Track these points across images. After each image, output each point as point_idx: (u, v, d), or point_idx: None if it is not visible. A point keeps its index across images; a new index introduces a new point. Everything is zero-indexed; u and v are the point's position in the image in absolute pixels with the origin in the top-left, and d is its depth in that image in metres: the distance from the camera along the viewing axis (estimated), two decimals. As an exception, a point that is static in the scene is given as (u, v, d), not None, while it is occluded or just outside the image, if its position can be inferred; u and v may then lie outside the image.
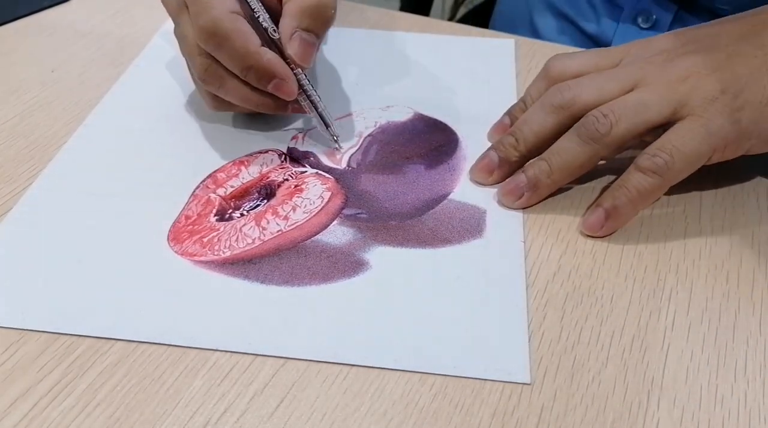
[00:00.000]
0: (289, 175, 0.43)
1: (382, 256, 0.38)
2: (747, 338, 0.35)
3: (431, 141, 0.46)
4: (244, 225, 0.40)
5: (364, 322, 0.35)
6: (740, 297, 0.37)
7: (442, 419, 0.31)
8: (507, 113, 0.46)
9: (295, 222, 0.40)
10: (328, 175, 0.43)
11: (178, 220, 0.40)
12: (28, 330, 0.34)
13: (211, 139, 0.46)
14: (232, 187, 0.43)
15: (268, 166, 0.44)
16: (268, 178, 0.43)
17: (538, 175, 0.41)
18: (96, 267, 0.37)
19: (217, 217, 0.41)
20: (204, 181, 0.43)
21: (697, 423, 0.32)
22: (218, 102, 0.45)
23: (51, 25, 0.58)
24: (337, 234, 0.40)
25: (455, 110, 0.49)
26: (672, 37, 0.43)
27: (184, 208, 0.41)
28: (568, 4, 0.66)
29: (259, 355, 0.34)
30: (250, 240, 0.39)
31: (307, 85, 0.44)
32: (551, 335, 0.35)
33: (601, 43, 0.63)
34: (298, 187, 0.42)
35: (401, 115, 0.49)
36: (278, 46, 0.42)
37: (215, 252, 0.38)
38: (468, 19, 0.90)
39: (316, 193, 0.42)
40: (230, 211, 0.41)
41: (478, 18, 0.85)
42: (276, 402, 0.32)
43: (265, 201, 0.42)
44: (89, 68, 0.53)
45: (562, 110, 0.41)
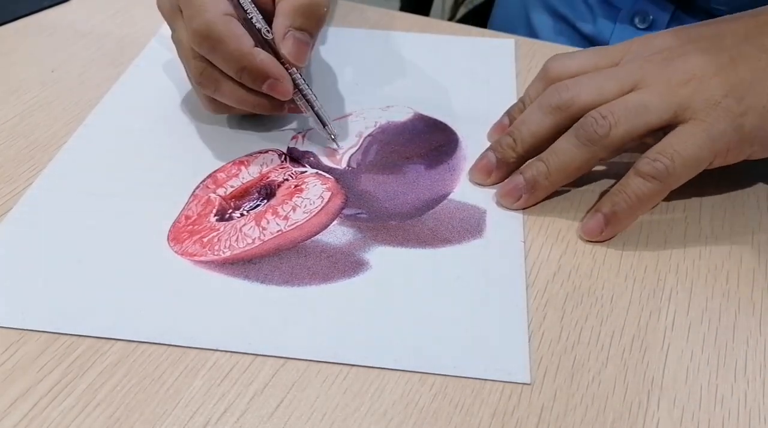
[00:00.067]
0: (289, 174, 0.43)
1: (382, 256, 0.38)
2: (747, 338, 0.35)
3: (431, 141, 0.46)
4: (244, 225, 0.40)
5: (364, 322, 0.35)
6: (740, 297, 0.37)
7: (442, 419, 0.31)
8: (506, 113, 0.46)
9: (295, 222, 0.40)
10: (328, 175, 0.43)
11: (178, 220, 0.40)
12: (28, 330, 0.34)
13: (211, 139, 0.46)
14: (232, 187, 0.43)
15: (268, 166, 0.44)
16: (268, 178, 0.43)
17: (536, 176, 0.40)
18: (96, 267, 0.37)
19: (217, 217, 0.41)
20: (204, 181, 0.43)
21: (697, 423, 0.32)
22: (216, 104, 0.45)
23: (51, 25, 0.58)
24: (337, 234, 0.40)
25: (455, 110, 0.49)
26: (673, 34, 0.43)
27: (184, 208, 0.41)
28: (565, 4, 0.66)
29: (259, 355, 0.34)
30: (250, 240, 0.39)
31: (303, 84, 0.44)
32: (551, 335, 0.35)
33: (598, 44, 0.63)
34: (298, 187, 0.42)
35: (401, 115, 0.49)
36: (272, 47, 0.42)
37: (215, 253, 0.38)
38: (468, 19, 0.90)
39: (316, 193, 0.42)
40: (230, 211, 0.41)
41: (478, 18, 0.85)
42: (276, 402, 0.32)
43: (265, 201, 0.42)
44: (89, 68, 0.53)
45: (560, 111, 0.40)
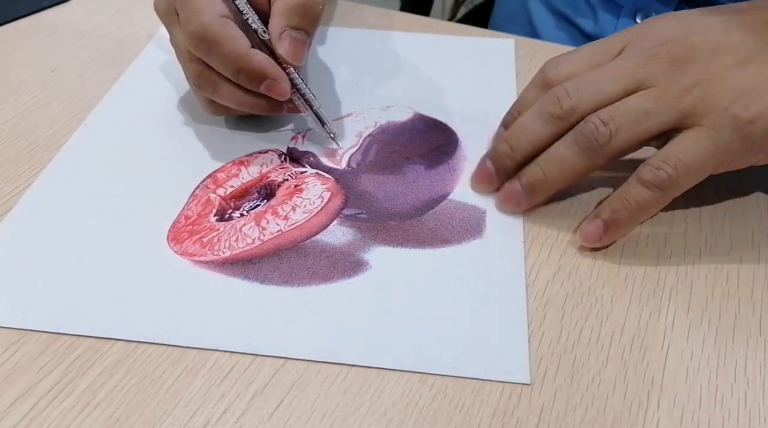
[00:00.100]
0: (289, 175, 0.43)
1: (381, 256, 0.38)
2: (747, 338, 0.35)
3: (431, 141, 0.46)
4: (244, 225, 0.40)
5: (364, 322, 0.35)
6: (740, 297, 0.37)
7: (442, 419, 0.31)
8: (502, 124, 0.44)
9: (295, 223, 0.40)
10: (327, 175, 0.43)
11: (177, 220, 0.40)
12: (28, 330, 0.34)
13: (210, 140, 0.46)
14: (232, 187, 0.43)
15: (268, 166, 0.44)
16: (268, 178, 0.43)
17: (533, 182, 0.40)
18: (96, 267, 0.37)
19: (216, 217, 0.41)
20: (204, 181, 0.43)
21: (697, 423, 0.32)
22: (215, 106, 0.45)
23: (51, 25, 0.58)
24: (337, 235, 0.40)
25: (455, 110, 0.49)
26: (675, 21, 0.41)
27: (183, 208, 0.41)
28: (566, 2, 0.66)
29: (259, 355, 0.34)
30: (249, 241, 0.39)
31: (301, 83, 0.44)
32: (551, 335, 0.35)
33: None
34: (298, 187, 0.42)
35: (401, 115, 0.49)
36: (269, 47, 0.42)
37: (215, 253, 0.38)
38: (468, 19, 0.90)
39: (315, 193, 0.42)
40: (230, 211, 0.41)
41: (478, 18, 0.85)
42: (276, 402, 0.32)
43: (265, 201, 0.42)
44: (89, 68, 0.53)
45: (561, 121, 0.39)
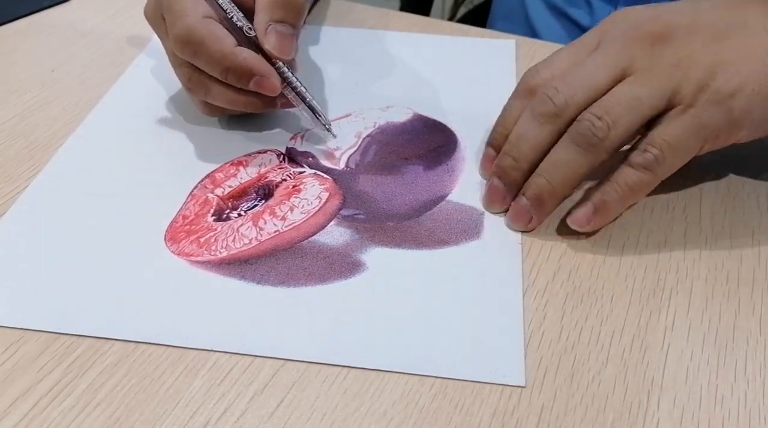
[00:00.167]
0: (288, 175, 0.43)
1: (379, 257, 0.38)
2: (747, 338, 0.35)
3: (430, 142, 0.46)
4: (242, 225, 0.40)
5: (360, 324, 0.35)
6: (740, 297, 0.37)
7: (442, 419, 0.31)
8: (488, 144, 0.43)
9: (293, 223, 0.40)
10: (326, 175, 0.43)
11: (175, 220, 0.40)
12: (28, 330, 0.34)
13: (209, 140, 0.46)
14: (230, 187, 0.43)
15: (267, 166, 0.44)
16: (266, 178, 0.43)
17: (540, 193, 0.39)
18: (95, 267, 0.37)
19: (214, 217, 0.41)
20: (202, 180, 0.43)
21: (697, 423, 0.32)
22: (210, 108, 0.45)
23: (51, 25, 0.58)
24: (335, 235, 0.39)
25: (455, 111, 0.49)
26: (645, 9, 0.41)
27: (181, 208, 0.41)
28: None
29: (258, 356, 0.33)
30: (247, 241, 0.39)
31: (291, 77, 0.43)
32: (551, 335, 0.35)
33: None
34: (296, 188, 0.42)
35: (400, 115, 0.49)
36: (256, 44, 0.42)
37: (212, 253, 0.38)
38: (468, 18, 0.90)
39: (314, 193, 0.42)
40: (228, 211, 0.41)
41: (478, 17, 0.85)
42: (276, 402, 0.32)
43: (263, 201, 0.42)
44: (89, 68, 0.53)
45: (557, 118, 0.38)
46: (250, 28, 0.42)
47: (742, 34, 0.38)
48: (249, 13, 0.43)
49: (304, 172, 0.44)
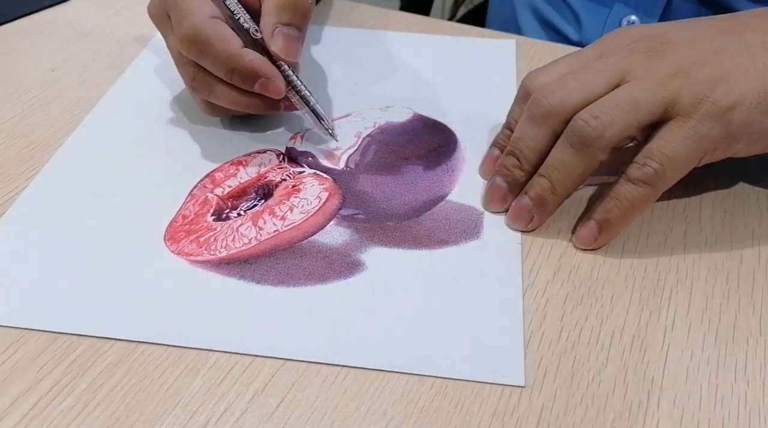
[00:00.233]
0: (287, 175, 0.43)
1: (378, 257, 0.38)
2: (747, 338, 0.35)
3: (430, 142, 0.46)
4: (241, 225, 0.40)
5: (360, 324, 0.35)
6: (740, 297, 0.37)
7: (442, 419, 0.31)
8: (494, 145, 0.44)
9: (292, 223, 0.40)
10: (326, 175, 0.43)
11: (175, 220, 0.40)
12: (28, 329, 0.34)
13: (209, 139, 0.46)
14: (230, 186, 0.43)
15: (266, 166, 0.44)
16: (266, 177, 0.43)
17: (542, 193, 0.39)
18: (95, 267, 0.37)
19: (214, 217, 0.41)
20: (202, 180, 0.43)
21: (697, 423, 0.32)
22: (212, 107, 0.45)
23: (51, 25, 0.58)
24: (334, 235, 0.39)
25: (455, 111, 0.49)
26: (647, 27, 0.42)
27: (181, 208, 0.41)
28: (553, 11, 0.66)
29: (258, 356, 0.33)
30: (246, 240, 0.39)
31: (296, 80, 0.44)
32: (551, 335, 0.35)
33: None
34: (296, 187, 0.42)
35: (400, 115, 0.49)
36: (262, 46, 0.42)
37: (211, 252, 0.38)
38: (468, 18, 0.90)
39: (313, 193, 0.42)
40: (227, 210, 0.41)
41: (478, 17, 0.85)
42: (276, 402, 0.32)
43: (263, 201, 0.42)
44: (89, 68, 0.53)
45: (551, 117, 0.38)
46: (256, 29, 0.42)
47: (742, 51, 0.38)
48: (255, 15, 0.43)
49: (304, 171, 0.44)
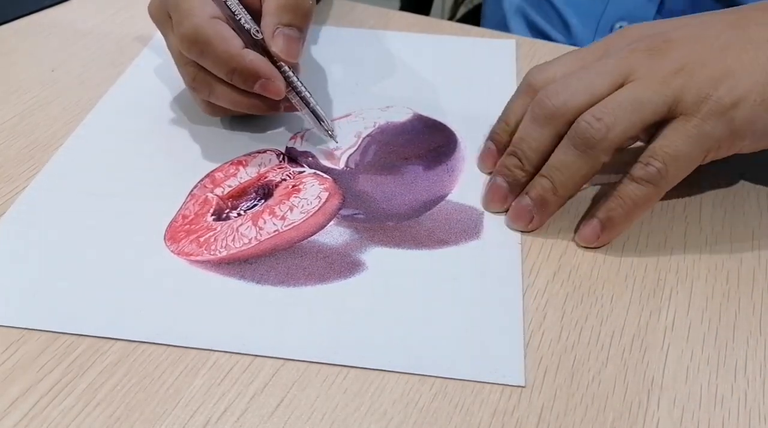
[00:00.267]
0: (287, 174, 0.43)
1: (378, 257, 0.38)
2: (747, 338, 0.35)
3: (430, 142, 0.46)
4: (241, 225, 0.40)
5: (360, 323, 0.35)
6: (740, 297, 0.37)
7: (442, 419, 0.31)
8: (490, 138, 0.44)
9: (292, 223, 0.40)
10: (326, 175, 0.43)
11: (175, 220, 0.40)
12: (28, 329, 0.34)
13: (209, 139, 0.46)
14: (230, 186, 0.43)
15: (266, 165, 0.44)
16: (266, 177, 0.43)
17: (543, 194, 0.39)
18: (95, 267, 0.37)
19: (214, 217, 0.41)
20: (202, 180, 0.43)
21: (697, 423, 0.32)
22: (212, 107, 0.45)
23: (51, 25, 0.58)
24: (334, 235, 0.39)
25: (455, 111, 0.49)
26: (651, 25, 0.42)
27: (181, 208, 0.41)
28: (544, 19, 0.66)
29: (258, 355, 0.33)
30: (246, 240, 0.39)
31: (296, 81, 0.43)
32: (551, 335, 0.35)
33: None
34: (296, 187, 0.42)
35: (400, 115, 0.49)
36: (263, 46, 0.42)
37: (211, 252, 0.38)
38: (468, 18, 0.90)
39: (313, 193, 0.42)
40: (227, 210, 0.41)
41: (478, 17, 0.85)
42: (276, 402, 0.32)
43: (263, 201, 0.42)
44: (89, 68, 0.53)
45: (555, 118, 0.38)
46: (257, 30, 0.42)
47: (745, 45, 0.38)
48: (256, 16, 0.43)
49: (304, 171, 0.44)
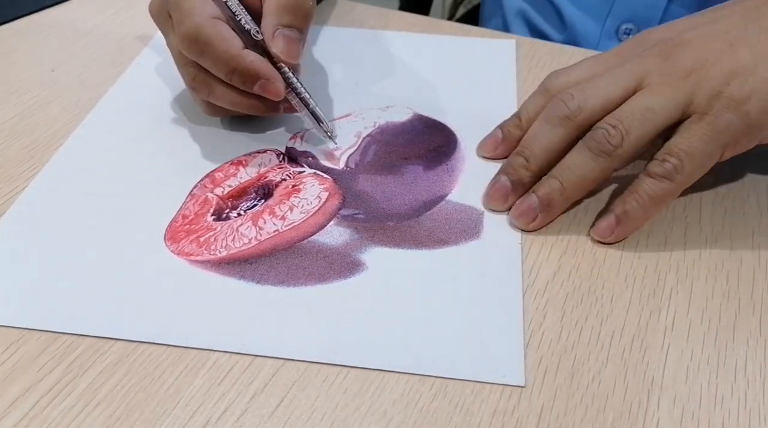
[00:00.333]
0: (287, 174, 0.43)
1: (378, 257, 0.38)
2: (747, 338, 0.35)
3: (430, 141, 0.46)
4: (241, 225, 0.40)
5: (360, 323, 0.35)
6: (740, 297, 0.37)
7: (442, 419, 0.31)
8: (499, 127, 0.45)
9: (292, 223, 0.40)
10: (326, 175, 0.43)
11: (175, 220, 0.40)
12: (28, 329, 0.34)
13: (209, 139, 0.46)
14: (230, 186, 0.43)
15: (266, 165, 0.44)
16: (266, 177, 0.43)
17: (550, 193, 0.39)
18: (95, 267, 0.37)
19: (214, 217, 0.41)
20: (202, 180, 0.43)
21: (697, 423, 0.32)
22: (212, 108, 0.45)
23: (51, 25, 0.58)
24: (334, 235, 0.39)
25: (455, 111, 0.49)
26: (667, 27, 0.42)
27: (181, 208, 0.41)
28: (545, 20, 0.66)
29: (258, 355, 0.33)
30: (246, 240, 0.39)
31: (296, 82, 0.43)
32: (551, 335, 0.35)
33: None
34: (296, 187, 0.42)
35: (400, 115, 0.49)
36: (263, 47, 0.42)
37: (211, 252, 0.38)
38: (467, 18, 0.90)
39: (313, 193, 0.42)
40: (227, 210, 0.41)
41: (478, 17, 0.85)
42: (276, 402, 0.32)
43: (263, 201, 0.42)
44: (89, 68, 0.53)
45: (569, 121, 0.39)
46: (257, 31, 0.42)
47: (759, 36, 0.38)
48: (256, 16, 0.43)
49: (304, 171, 0.44)
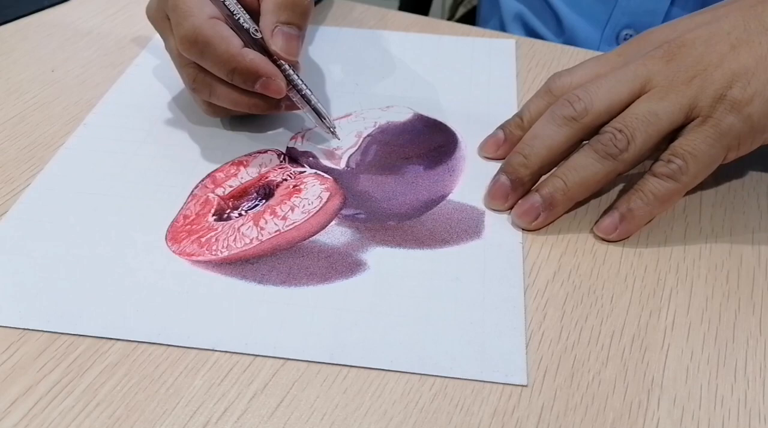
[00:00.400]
0: (288, 175, 0.43)
1: (379, 257, 0.38)
2: (747, 338, 0.35)
3: (431, 141, 0.46)
4: (242, 225, 0.40)
5: (361, 323, 0.35)
6: (740, 297, 0.37)
7: (442, 419, 0.31)
8: (501, 128, 0.45)
9: (293, 223, 0.40)
10: (326, 175, 0.43)
11: (176, 220, 0.40)
12: (28, 329, 0.34)
13: (210, 140, 0.46)
14: (231, 186, 0.43)
15: (267, 166, 0.44)
16: (267, 178, 0.43)
17: (554, 192, 0.39)
18: (95, 267, 0.37)
19: (215, 217, 0.41)
20: (203, 180, 0.43)
21: (697, 423, 0.32)
22: (213, 108, 0.45)
23: (51, 25, 0.58)
24: (335, 235, 0.40)
25: (455, 110, 0.49)
26: (668, 27, 0.42)
27: (182, 208, 0.41)
28: (543, 24, 0.66)
29: (258, 355, 0.33)
30: (247, 240, 0.39)
31: (297, 79, 0.43)
32: (551, 335, 0.35)
33: None
34: (297, 187, 0.42)
35: (401, 115, 0.49)
36: (262, 46, 0.42)
37: (213, 252, 0.38)
38: (467, 18, 0.90)
39: (314, 193, 0.42)
40: (228, 210, 0.41)
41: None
42: (276, 402, 0.32)
43: (264, 201, 0.42)
44: (89, 68, 0.53)
45: (574, 122, 0.39)
46: (256, 29, 0.42)
47: (760, 38, 0.39)
48: (254, 15, 0.43)
49: (305, 171, 0.44)
